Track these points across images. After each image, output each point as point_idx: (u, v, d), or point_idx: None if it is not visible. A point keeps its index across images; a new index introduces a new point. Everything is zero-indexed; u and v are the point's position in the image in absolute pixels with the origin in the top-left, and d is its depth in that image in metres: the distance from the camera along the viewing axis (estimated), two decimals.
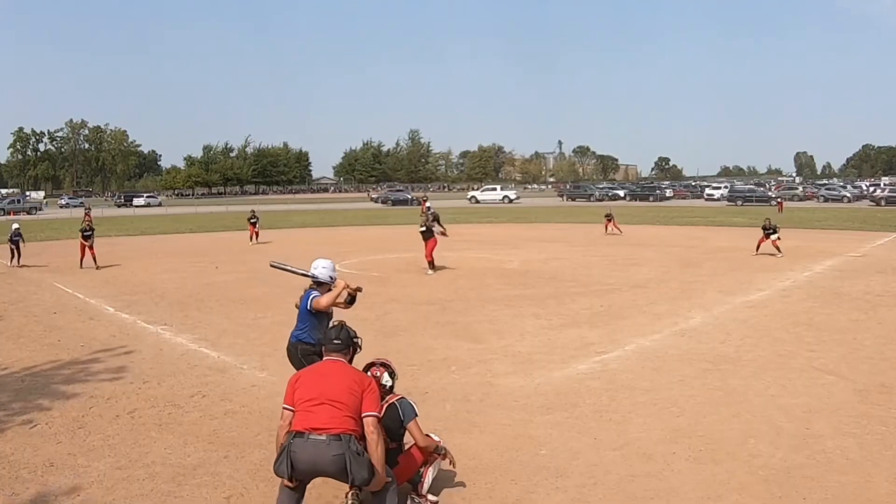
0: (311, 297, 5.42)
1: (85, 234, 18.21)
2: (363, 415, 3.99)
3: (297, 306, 5.55)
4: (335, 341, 4.31)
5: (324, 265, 5.60)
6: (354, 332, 4.48)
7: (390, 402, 4.58)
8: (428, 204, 26.97)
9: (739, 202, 53.44)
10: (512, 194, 69.70)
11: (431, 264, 16.09)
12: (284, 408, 4.08)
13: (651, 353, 8.42)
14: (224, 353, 8.74)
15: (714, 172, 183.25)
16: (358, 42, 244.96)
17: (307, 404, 3.95)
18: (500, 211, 49.99)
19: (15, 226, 19.84)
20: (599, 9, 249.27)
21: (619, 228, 28.00)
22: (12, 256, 18.83)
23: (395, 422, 4.51)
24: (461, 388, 7.15)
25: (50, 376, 7.82)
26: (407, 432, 4.58)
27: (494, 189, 72.17)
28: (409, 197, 67.33)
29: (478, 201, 66.49)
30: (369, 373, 4.69)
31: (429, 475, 4.60)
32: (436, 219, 17.18)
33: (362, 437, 4.02)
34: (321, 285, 5.56)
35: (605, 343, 8.93)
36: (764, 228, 18.65)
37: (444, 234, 16.96)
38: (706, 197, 65.95)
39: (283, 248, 23.32)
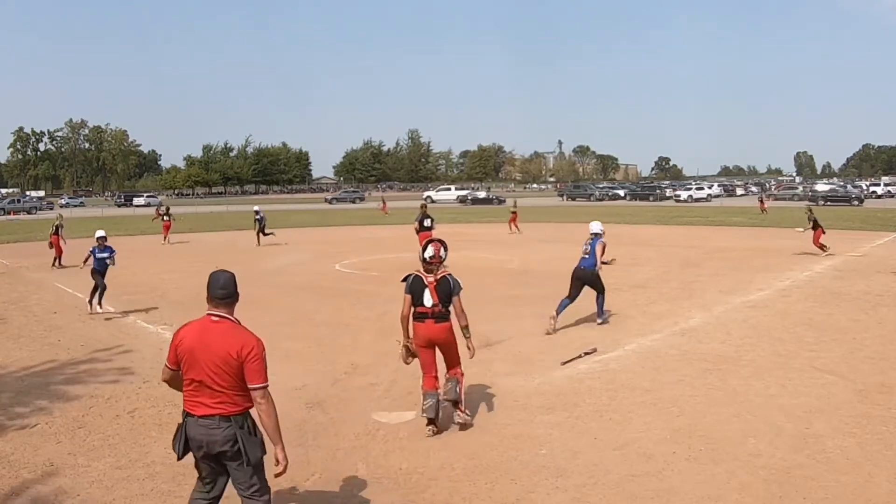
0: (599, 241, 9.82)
1: (58, 227, 18.93)
2: (250, 387, 3.55)
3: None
4: (220, 290, 3.68)
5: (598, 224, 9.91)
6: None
7: (444, 274, 5.82)
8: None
9: (822, 202, 51.03)
10: (465, 194, 73.17)
11: None
12: (167, 366, 3.72)
13: (651, 353, 8.42)
14: None
15: (714, 172, 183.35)
16: (359, 42, 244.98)
17: (192, 386, 3.60)
18: (500, 211, 49.99)
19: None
20: (599, 9, 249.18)
21: (517, 227, 26.78)
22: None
23: (446, 290, 5.76)
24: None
25: (50, 376, 7.83)
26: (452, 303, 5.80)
27: (449, 189, 77.03)
28: (359, 195, 74.21)
29: (433, 201, 69.16)
30: (431, 247, 5.89)
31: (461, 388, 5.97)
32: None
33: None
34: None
35: (605, 343, 8.93)
36: (815, 222, 18.43)
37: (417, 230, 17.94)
38: (675, 199, 62.15)
39: (283, 248, 23.32)
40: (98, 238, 11.77)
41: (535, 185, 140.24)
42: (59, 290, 14.42)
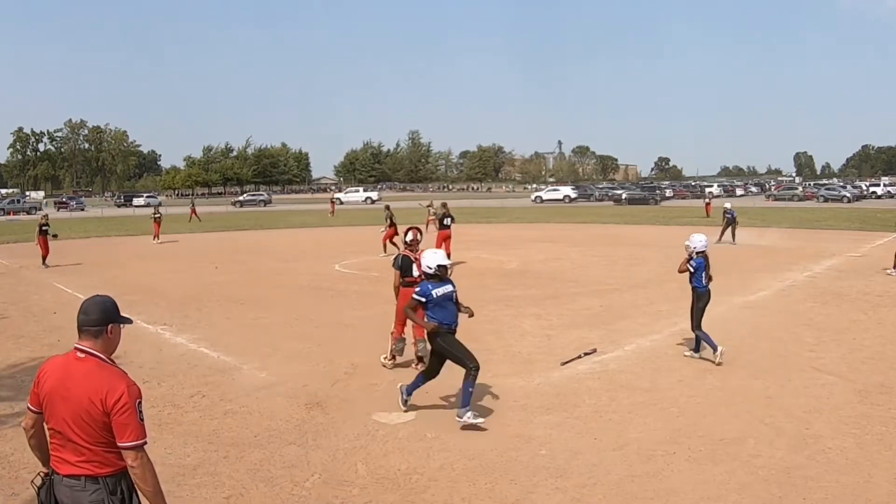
0: None
1: (43, 228, 18.76)
2: (119, 445, 2.87)
3: None
4: (83, 315, 2.94)
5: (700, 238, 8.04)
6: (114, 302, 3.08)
7: (423, 252, 6.95)
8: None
9: None
10: (374, 195, 75.11)
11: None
12: (29, 408, 3.09)
13: (651, 353, 8.42)
14: (224, 353, 8.73)
15: (714, 172, 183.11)
16: (360, 43, 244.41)
17: (55, 438, 2.98)
18: (500, 211, 50.00)
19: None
20: (600, 9, 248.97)
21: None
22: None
23: (409, 268, 7.63)
24: None
25: None
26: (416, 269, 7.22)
27: (357, 191, 79.58)
28: (264, 198, 73.57)
29: (342, 202, 70.23)
30: (411, 233, 7.76)
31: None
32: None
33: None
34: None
35: (605, 343, 8.93)
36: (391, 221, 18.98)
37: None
38: (564, 199, 62.74)
39: (284, 249, 23.29)
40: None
41: (534, 186, 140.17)
42: (59, 290, 14.41)
